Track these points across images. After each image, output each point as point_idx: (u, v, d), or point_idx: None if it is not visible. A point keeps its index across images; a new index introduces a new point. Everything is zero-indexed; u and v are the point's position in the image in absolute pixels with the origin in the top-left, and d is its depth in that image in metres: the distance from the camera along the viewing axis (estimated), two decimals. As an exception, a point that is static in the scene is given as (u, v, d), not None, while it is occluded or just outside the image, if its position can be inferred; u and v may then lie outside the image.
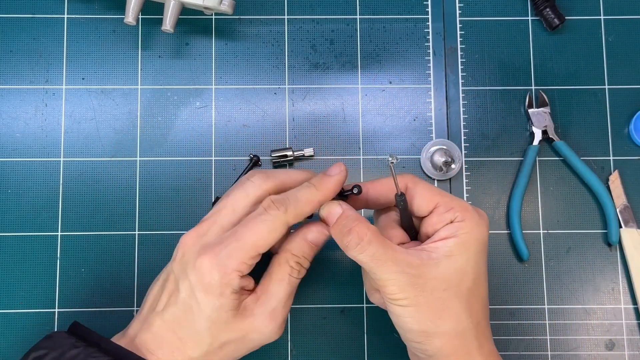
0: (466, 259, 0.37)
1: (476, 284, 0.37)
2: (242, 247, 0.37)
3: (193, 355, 0.38)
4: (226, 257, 0.37)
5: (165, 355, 0.38)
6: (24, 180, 0.50)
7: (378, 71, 0.52)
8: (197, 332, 0.38)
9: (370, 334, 0.49)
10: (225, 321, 0.38)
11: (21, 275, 0.49)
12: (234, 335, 0.38)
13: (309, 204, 0.38)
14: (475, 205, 0.50)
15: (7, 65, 0.51)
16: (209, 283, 0.37)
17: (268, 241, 0.37)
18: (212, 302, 0.37)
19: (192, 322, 0.38)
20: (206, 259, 0.37)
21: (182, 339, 0.38)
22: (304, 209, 0.38)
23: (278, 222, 0.37)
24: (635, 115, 0.51)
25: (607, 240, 0.50)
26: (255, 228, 0.37)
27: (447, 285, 0.36)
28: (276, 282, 0.39)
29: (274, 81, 0.52)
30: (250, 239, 0.37)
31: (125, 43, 0.52)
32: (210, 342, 0.38)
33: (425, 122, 0.52)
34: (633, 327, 0.49)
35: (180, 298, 0.38)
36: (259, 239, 0.37)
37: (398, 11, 0.53)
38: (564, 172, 0.51)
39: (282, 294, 0.39)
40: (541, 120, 0.51)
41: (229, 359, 0.40)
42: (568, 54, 0.52)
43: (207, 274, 0.37)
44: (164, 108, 0.51)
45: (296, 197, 0.38)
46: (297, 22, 0.52)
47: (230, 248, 0.37)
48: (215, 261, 0.37)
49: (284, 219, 0.38)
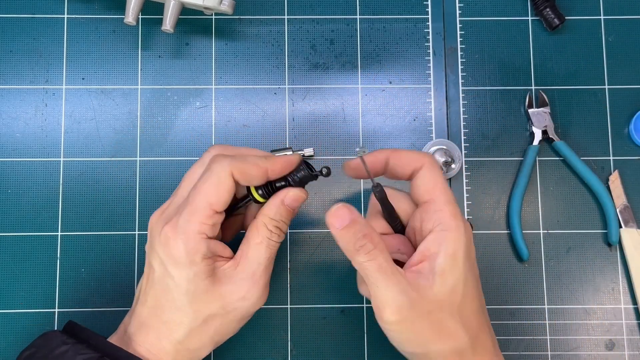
0: (456, 275, 0.36)
1: (466, 297, 0.37)
2: (195, 208, 0.37)
3: (179, 337, 0.38)
4: (184, 222, 0.37)
5: (152, 344, 0.38)
6: (24, 180, 0.50)
7: (378, 71, 0.52)
8: (179, 309, 0.38)
9: (370, 334, 0.49)
10: (204, 290, 0.37)
11: (21, 275, 0.49)
12: (216, 305, 0.38)
13: (255, 165, 0.38)
14: (475, 205, 0.50)
15: (7, 65, 0.51)
16: (177, 254, 0.37)
17: (219, 196, 0.37)
18: (185, 272, 0.37)
19: (172, 300, 0.38)
20: (168, 229, 0.37)
21: (166, 323, 0.38)
22: (250, 167, 0.38)
23: (223, 174, 0.37)
24: (635, 115, 0.51)
25: (607, 240, 0.50)
26: (204, 186, 0.38)
27: (442, 306, 0.36)
28: (254, 246, 0.39)
29: (274, 81, 0.52)
30: (201, 198, 0.37)
31: (125, 43, 0.52)
32: (193, 317, 0.38)
33: (425, 122, 0.52)
34: (633, 327, 0.49)
35: (156, 278, 0.38)
36: (209, 196, 0.37)
37: (398, 11, 0.53)
38: (564, 172, 0.51)
39: (261, 257, 0.39)
40: (541, 120, 0.51)
41: (218, 338, 0.39)
42: (568, 54, 0.52)
43: (172, 245, 0.37)
44: (164, 108, 0.51)
45: (242, 155, 0.39)
46: (297, 22, 0.52)
47: (186, 212, 0.37)
48: (175, 229, 0.37)
49: (228, 171, 0.37)
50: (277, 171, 0.39)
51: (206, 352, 0.40)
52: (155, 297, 0.39)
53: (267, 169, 0.39)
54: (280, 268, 0.49)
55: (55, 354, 0.37)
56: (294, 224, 0.50)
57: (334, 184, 0.50)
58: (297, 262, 0.50)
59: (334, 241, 0.51)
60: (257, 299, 0.39)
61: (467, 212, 0.50)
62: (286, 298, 0.49)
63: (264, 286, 0.39)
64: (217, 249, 0.38)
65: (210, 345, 0.40)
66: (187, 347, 0.39)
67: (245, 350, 0.48)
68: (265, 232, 0.39)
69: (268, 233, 0.39)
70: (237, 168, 0.38)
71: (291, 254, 0.50)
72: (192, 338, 0.38)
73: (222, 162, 0.38)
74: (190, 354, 0.39)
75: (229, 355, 0.48)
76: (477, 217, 0.50)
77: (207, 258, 0.37)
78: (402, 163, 0.39)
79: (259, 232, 0.39)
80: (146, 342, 0.38)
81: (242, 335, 0.49)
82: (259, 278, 0.39)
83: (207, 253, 0.37)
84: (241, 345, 0.49)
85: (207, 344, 0.39)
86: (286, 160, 0.39)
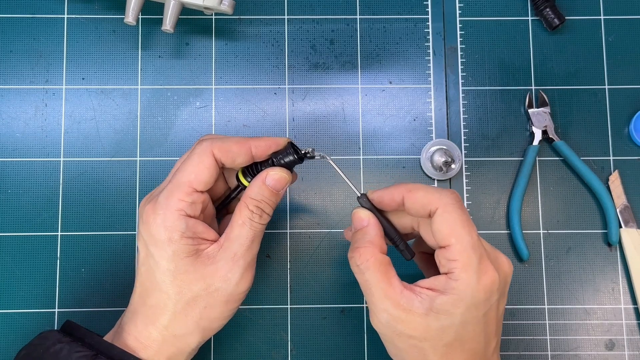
0: (450, 321, 0.36)
1: (459, 340, 0.36)
2: (175, 185, 0.38)
3: (164, 322, 0.38)
4: (163, 199, 0.38)
5: (140, 332, 0.38)
6: (24, 180, 0.50)
7: (378, 71, 0.52)
8: (161, 291, 0.38)
9: (370, 334, 0.49)
10: (185, 270, 0.37)
11: (21, 275, 0.49)
12: (198, 286, 0.38)
13: (237, 143, 0.39)
14: (475, 205, 0.50)
15: (7, 65, 0.51)
16: (155, 231, 0.37)
17: (198, 173, 0.38)
18: (164, 251, 0.37)
19: (155, 282, 0.38)
20: (148, 207, 0.38)
21: (151, 307, 0.38)
22: (231, 145, 0.39)
23: (203, 154, 0.38)
24: (635, 115, 0.51)
25: (607, 240, 0.50)
26: (184, 165, 0.38)
27: (424, 338, 0.36)
28: (237, 227, 0.39)
29: (274, 81, 0.52)
30: (181, 176, 0.38)
31: (125, 43, 0.52)
32: (176, 299, 0.37)
33: (425, 122, 0.52)
34: (633, 327, 0.49)
35: (140, 260, 0.39)
36: (189, 173, 0.38)
37: (398, 11, 0.53)
38: (564, 172, 0.51)
39: (243, 238, 0.38)
40: (541, 120, 0.51)
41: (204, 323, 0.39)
42: (568, 54, 0.52)
43: (151, 222, 0.37)
44: (164, 108, 0.51)
45: (226, 135, 0.40)
46: (297, 22, 0.52)
47: (166, 190, 0.38)
48: (155, 206, 0.38)
49: (208, 150, 0.38)
50: (261, 148, 0.39)
51: (194, 340, 0.39)
52: (141, 282, 0.39)
53: (250, 145, 0.39)
54: (280, 268, 0.49)
55: (51, 352, 0.37)
56: (295, 223, 0.50)
57: (334, 183, 0.50)
58: (297, 262, 0.50)
59: (334, 241, 0.51)
60: (239, 279, 0.38)
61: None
62: (286, 298, 0.49)
63: (245, 267, 0.39)
64: (198, 229, 0.38)
65: (197, 333, 0.39)
66: (173, 333, 0.38)
67: (245, 350, 0.48)
68: (247, 213, 0.39)
69: (249, 213, 0.39)
70: (218, 146, 0.38)
71: (291, 254, 0.50)
72: (177, 322, 0.38)
73: (203, 142, 0.39)
74: (176, 341, 0.38)
75: (229, 355, 0.48)
76: (477, 217, 0.50)
77: (187, 237, 0.37)
78: (418, 205, 0.37)
79: (241, 212, 0.39)
80: (135, 331, 0.38)
81: (242, 335, 0.49)
82: (240, 258, 0.38)
83: (186, 231, 0.37)
84: (241, 345, 0.49)
85: (193, 330, 0.38)
86: (272, 139, 0.40)
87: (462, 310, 0.35)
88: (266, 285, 0.49)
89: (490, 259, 0.37)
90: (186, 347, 0.39)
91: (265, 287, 0.49)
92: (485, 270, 0.36)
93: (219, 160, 0.39)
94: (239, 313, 0.49)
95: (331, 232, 0.50)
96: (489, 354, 0.38)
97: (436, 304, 0.36)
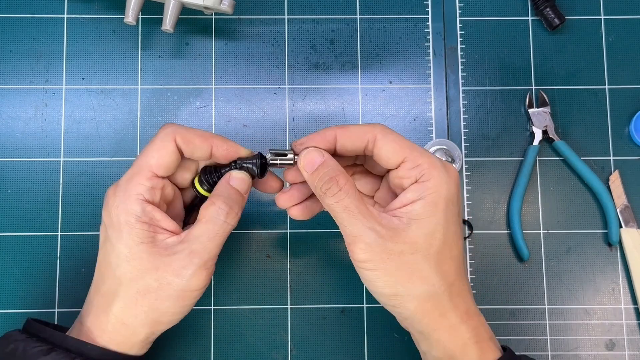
0: (435, 222, 0.36)
1: (446, 244, 0.37)
2: (135, 169, 0.38)
3: (115, 310, 0.37)
4: (123, 182, 0.38)
5: (93, 322, 0.38)
6: (24, 180, 0.50)
7: (378, 71, 0.52)
8: (114, 276, 0.37)
9: (370, 334, 0.49)
10: (139, 257, 0.37)
11: (21, 275, 0.49)
12: (150, 276, 0.37)
13: (201, 135, 0.39)
14: (475, 205, 0.50)
15: (7, 65, 0.51)
16: (114, 214, 0.37)
17: (158, 158, 0.38)
18: (119, 233, 0.37)
19: (109, 266, 0.38)
20: (109, 191, 0.38)
21: (104, 295, 0.38)
22: (194, 137, 0.39)
23: (165, 139, 0.38)
24: (636, 115, 0.51)
25: (607, 240, 0.50)
26: (146, 149, 0.39)
27: (415, 249, 0.36)
28: (201, 224, 0.38)
29: (274, 81, 0.52)
30: (142, 160, 0.38)
31: (125, 43, 0.52)
32: (127, 286, 0.37)
33: (425, 122, 0.51)
34: (633, 327, 0.49)
35: (100, 245, 0.39)
36: (149, 157, 0.38)
37: (398, 11, 0.53)
38: (564, 172, 0.51)
39: (204, 236, 0.38)
40: (541, 120, 0.51)
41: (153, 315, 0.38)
42: (568, 54, 0.52)
43: (110, 204, 0.38)
44: (164, 108, 0.51)
45: (190, 127, 0.40)
46: (297, 22, 0.52)
47: (127, 173, 0.38)
48: (115, 189, 0.38)
49: (171, 136, 0.38)
50: (222, 149, 0.39)
51: (142, 331, 0.38)
52: (98, 269, 0.39)
53: (213, 143, 0.39)
54: (280, 268, 0.49)
55: (7, 351, 0.37)
56: (295, 223, 0.50)
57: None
58: (297, 262, 0.50)
59: (334, 241, 0.51)
60: (191, 278, 0.37)
61: (467, 212, 0.50)
62: (286, 298, 0.49)
63: (200, 266, 0.37)
64: (156, 217, 0.38)
65: (148, 324, 0.38)
66: (123, 322, 0.38)
67: (245, 350, 0.48)
68: (213, 210, 0.38)
69: (216, 210, 0.38)
70: (181, 134, 0.39)
71: (291, 254, 0.50)
72: (127, 310, 0.37)
73: (166, 128, 0.39)
74: (126, 331, 0.38)
75: (229, 355, 0.48)
76: (477, 217, 0.50)
77: (143, 222, 0.37)
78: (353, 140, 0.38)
79: (207, 209, 0.39)
80: (88, 320, 0.38)
81: (242, 335, 0.49)
82: (196, 256, 0.37)
83: (141, 216, 0.37)
84: (241, 345, 0.49)
85: (144, 321, 0.38)
86: (234, 145, 0.40)
87: (443, 207, 0.36)
88: (266, 285, 0.49)
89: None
90: (133, 337, 0.38)
91: (265, 287, 0.49)
92: (447, 165, 0.38)
93: (180, 148, 0.39)
94: (239, 313, 0.49)
95: (331, 232, 0.50)
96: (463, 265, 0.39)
97: (416, 211, 0.36)
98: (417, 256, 0.36)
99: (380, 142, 0.38)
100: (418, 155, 0.37)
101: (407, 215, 0.36)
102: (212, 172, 0.41)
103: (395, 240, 0.36)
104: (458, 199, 0.38)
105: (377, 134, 0.38)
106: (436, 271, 0.36)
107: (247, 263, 0.50)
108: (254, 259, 0.50)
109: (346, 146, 0.39)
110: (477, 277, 0.50)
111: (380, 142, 0.38)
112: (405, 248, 0.36)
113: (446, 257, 0.37)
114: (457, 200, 0.37)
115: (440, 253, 0.36)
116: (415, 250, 0.36)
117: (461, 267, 0.38)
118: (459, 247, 0.38)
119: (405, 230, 0.36)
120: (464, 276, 0.38)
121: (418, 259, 0.36)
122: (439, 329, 0.37)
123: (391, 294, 0.37)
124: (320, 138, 0.39)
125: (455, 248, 0.37)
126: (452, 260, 0.37)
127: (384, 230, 0.36)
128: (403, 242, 0.36)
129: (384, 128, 0.38)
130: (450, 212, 0.37)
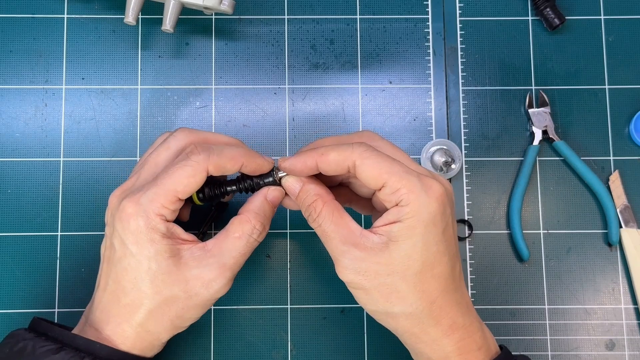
0: (411, 244, 0.36)
1: (427, 264, 0.36)
2: (161, 191, 0.37)
3: (139, 320, 0.38)
4: (147, 201, 0.37)
5: (113, 330, 0.38)
6: (24, 180, 0.50)
7: (378, 71, 0.52)
8: (139, 290, 0.37)
9: (370, 334, 0.49)
10: (166, 271, 0.37)
11: (21, 275, 0.49)
12: (178, 288, 0.37)
13: (233, 159, 0.39)
14: (475, 205, 0.50)
15: (7, 65, 0.51)
16: (136, 230, 0.37)
17: (187, 186, 0.37)
18: (146, 250, 0.37)
19: (132, 281, 0.37)
20: (128, 205, 0.37)
21: (126, 306, 0.38)
22: (226, 162, 0.38)
23: (198, 168, 0.37)
24: (636, 115, 0.51)
25: (607, 240, 0.50)
26: (176, 173, 0.37)
27: (392, 270, 0.36)
28: (233, 239, 0.39)
29: (274, 81, 0.52)
30: (170, 183, 0.37)
31: (125, 43, 0.52)
32: (153, 299, 0.37)
33: (425, 122, 0.51)
34: (633, 327, 0.49)
35: (116, 258, 0.38)
36: (178, 183, 0.37)
37: (398, 11, 0.53)
38: (564, 172, 0.51)
39: (236, 252, 0.38)
40: (541, 120, 0.51)
41: (179, 322, 0.39)
42: (568, 54, 0.52)
43: (132, 221, 0.37)
44: (164, 108, 0.51)
45: (220, 149, 0.39)
46: (297, 22, 0.52)
47: (150, 193, 0.37)
48: (137, 207, 0.37)
49: (204, 165, 0.38)
50: (249, 168, 0.40)
51: (166, 336, 0.39)
52: (116, 280, 0.38)
53: (242, 164, 0.39)
54: (280, 268, 0.49)
55: (15, 350, 0.37)
56: (295, 223, 0.50)
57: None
58: (297, 262, 0.50)
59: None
60: (220, 289, 0.38)
61: (467, 212, 0.50)
62: (286, 298, 0.49)
63: (229, 279, 0.39)
64: (176, 231, 0.38)
65: (171, 329, 0.39)
66: (147, 329, 0.38)
67: (245, 350, 0.48)
68: (248, 227, 0.39)
69: (250, 228, 0.39)
70: (214, 163, 0.38)
71: (291, 254, 0.50)
72: (152, 320, 0.38)
73: (201, 156, 0.38)
74: (150, 337, 0.38)
75: (229, 355, 0.48)
76: (477, 217, 0.50)
77: (167, 237, 0.37)
78: (334, 166, 0.38)
79: (242, 226, 0.39)
80: (107, 328, 0.38)
81: (242, 335, 0.49)
82: (227, 270, 0.38)
83: (166, 233, 0.37)
84: (241, 345, 0.49)
85: (168, 327, 0.39)
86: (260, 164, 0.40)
87: (421, 230, 0.36)
88: (266, 285, 0.49)
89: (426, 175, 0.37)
90: (157, 341, 0.39)
91: (265, 287, 0.49)
92: (429, 184, 0.36)
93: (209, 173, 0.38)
94: (239, 313, 0.49)
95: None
96: (457, 278, 0.38)
97: (394, 233, 0.36)
98: (395, 277, 0.36)
99: (359, 168, 0.37)
100: (396, 180, 0.36)
101: (387, 235, 0.36)
102: (208, 183, 0.41)
103: (371, 261, 0.36)
104: (443, 216, 0.37)
105: (355, 160, 0.37)
106: (414, 291, 0.36)
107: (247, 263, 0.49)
108: (254, 259, 0.49)
109: (328, 172, 0.38)
110: (477, 277, 0.50)
111: (359, 169, 0.37)
112: (381, 269, 0.36)
113: (427, 277, 0.36)
114: (441, 219, 0.37)
115: (421, 273, 0.36)
116: (392, 271, 0.36)
117: (448, 282, 0.37)
118: (443, 264, 0.37)
119: (382, 251, 0.36)
120: (451, 290, 0.38)
121: (396, 280, 0.36)
122: (420, 343, 0.38)
123: (372, 310, 0.38)
124: (301, 165, 0.39)
125: (438, 266, 0.37)
126: (435, 279, 0.37)
127: (360, 252, 0.36)
128: (379, 262, 0.36)
129: (364, 150, 0.37)
130: (430, 234, 0.36)
